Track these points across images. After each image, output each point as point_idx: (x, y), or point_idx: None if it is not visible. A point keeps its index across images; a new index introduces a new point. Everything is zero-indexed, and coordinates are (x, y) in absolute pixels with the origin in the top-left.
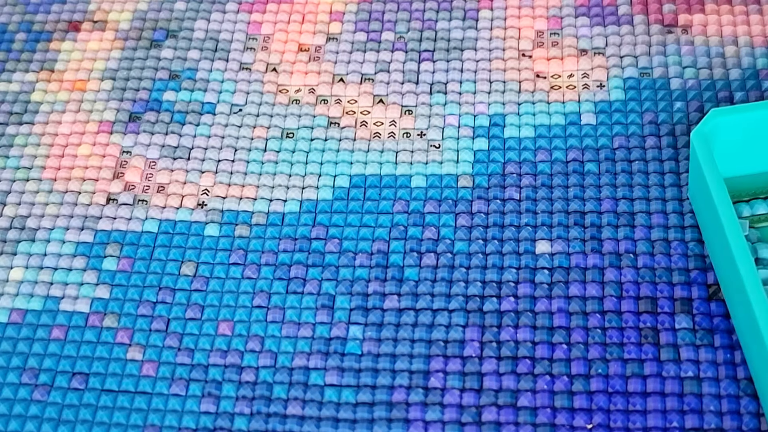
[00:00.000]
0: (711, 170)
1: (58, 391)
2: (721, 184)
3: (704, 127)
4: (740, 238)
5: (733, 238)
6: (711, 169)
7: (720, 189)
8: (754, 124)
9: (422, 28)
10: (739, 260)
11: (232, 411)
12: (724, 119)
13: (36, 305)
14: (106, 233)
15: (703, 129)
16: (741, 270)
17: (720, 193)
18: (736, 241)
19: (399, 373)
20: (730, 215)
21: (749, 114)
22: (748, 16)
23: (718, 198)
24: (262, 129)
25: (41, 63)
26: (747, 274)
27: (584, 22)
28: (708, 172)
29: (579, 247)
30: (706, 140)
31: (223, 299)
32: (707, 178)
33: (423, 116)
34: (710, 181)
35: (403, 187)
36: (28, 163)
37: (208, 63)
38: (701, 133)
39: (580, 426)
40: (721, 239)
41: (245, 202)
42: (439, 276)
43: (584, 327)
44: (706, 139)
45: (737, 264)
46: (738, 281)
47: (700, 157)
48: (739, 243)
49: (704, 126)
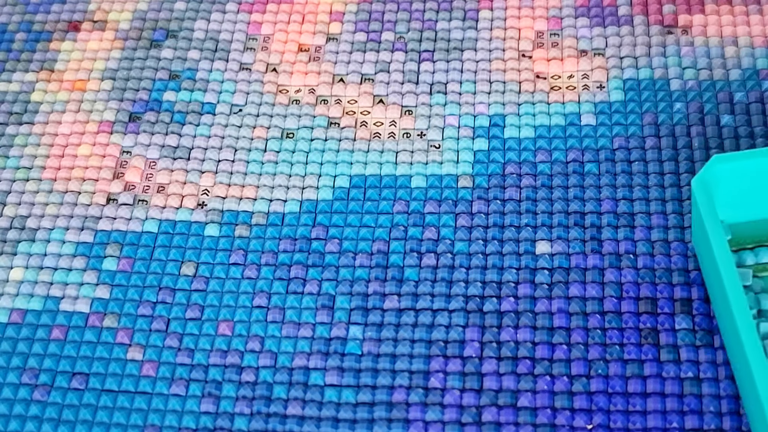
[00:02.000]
0: (711, 218)
1: (58, 391)
2: (721, 234)
3: (705, 175)
4: (739, 289)
5: (732, 289)
6: (711, 218)
7: (720, 238)
8: (758, 171)
9: (422, 28)
10: (737, 312)
11: (232, 411)
12: (726, 166)
13: (36, 305)
14: (106, 233)
15: (704, 176)
16: (738, 322)
17: (719, 242)
18: (734, 293)
19: (399, 373)
20: (729, 265)
21: (751, 161)
22: (748, 17)
23: (718, 247)
24: (262, 129)
25: (41, 63)
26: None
27: (584, 23)
28: (708, 221)
29: (579, 247)
30: (707, 187)
31: (223, 299)
32: (707, 226)
33: (423, 116)
34: (710, 230)
35: (403, 187)
36: (28, 163)
37: (208, 63)
38: (702, 181)
39: (580, 426)
40: (721, 289)
41: (245, 202)
42: (439, 276)
43: (584, 327)
44: (706, 186)
45: (734, 316)
46: (735, 333)
47: (700, 204)
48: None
49: (705, 173)
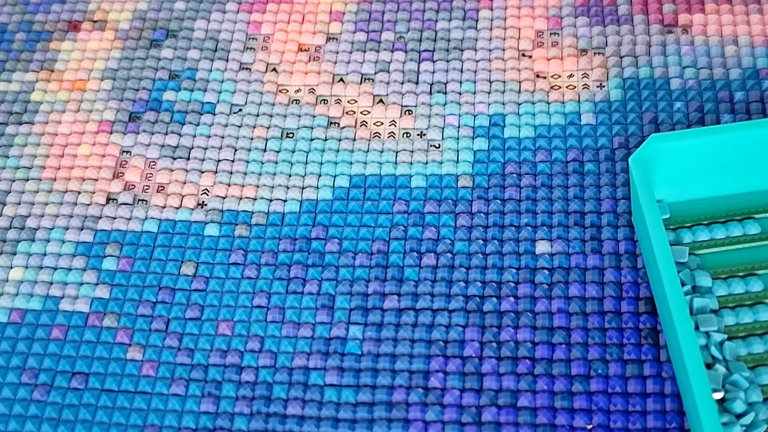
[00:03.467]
0: (647, 197)
1: (58, 391)
2: (656, 212)
3: (643, 153)
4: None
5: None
6: (647, 196)
7: (654, 216)
8: (695, 151)
9: (422, 28)
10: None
11: (232, 411)
12: (664, 145)
13: (36, 305)
14: (105, 233)
15: (642, 155)
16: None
17: (654, 220)
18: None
19: (399, 373)
20: (663, 242)
21: (690, 141)
22: (748, 16)
23: (652, 225)
24: (262, 129)
25: (41, 63)
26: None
27: (584, 22)
28: (644, 199)
29: (579, 247)
30: (645, 166)
31: (223, 299)
32: (642, 204)
33: (423, 116)
34: (645, 208)
35: (403, 187)
36: (28, 163)
37: (208, 63)
38: (640, 159)
39: (580, 426)
40: (654, 265)
41: (245, 202)
42: (439, 276)
43: (584, 327)
44: (644, 165)
45: (665, 290)
46: (666, 307)
47: (637, 182)
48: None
49: (643, 152)
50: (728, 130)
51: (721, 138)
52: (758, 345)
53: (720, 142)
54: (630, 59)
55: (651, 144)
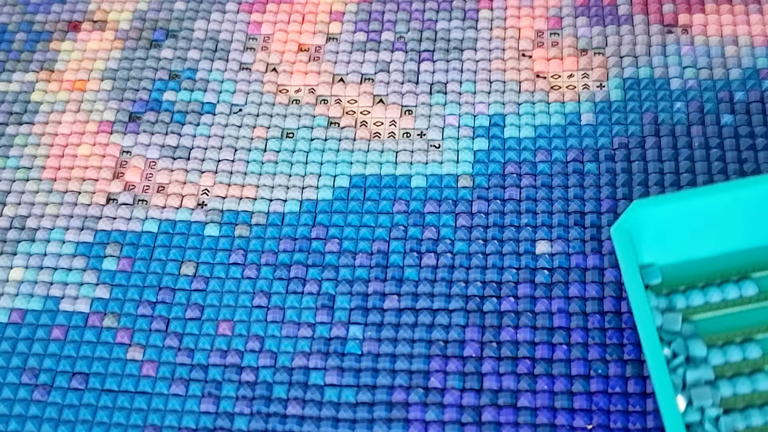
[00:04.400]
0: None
1: (58, 391)
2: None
3: (625, 222)
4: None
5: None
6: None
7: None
8: (682, 213)
9: (422, 28)
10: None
11: (232, 411)
12: (648, 211)
13: (36, 305)
14: (106, 233)
15: (624, 223)
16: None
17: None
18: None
19: (399, 373)
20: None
21: (674, 205)
22: (748, 16)
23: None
24: (262, 129)
25: (41, 63)
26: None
27: (584, 22)
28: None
29: (579, 247)
30: (628, 234)
31: (223, 299)
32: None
33: (423, 116)
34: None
35: (403, 187)
36: (28, 163)
37: (208, 63)
38: (622, 228)
39: (580, 426)
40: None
41: (245, 202)
42: (439, 276)
43: (584, 327)
44: (627, 233)
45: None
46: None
47: (619, 255)
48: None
49: (625, 221)
50: (714, 192)
51: (706, 200)
52: (757, 417)
53: (706, 204)
54: (630, 59)
55: (633, 212)
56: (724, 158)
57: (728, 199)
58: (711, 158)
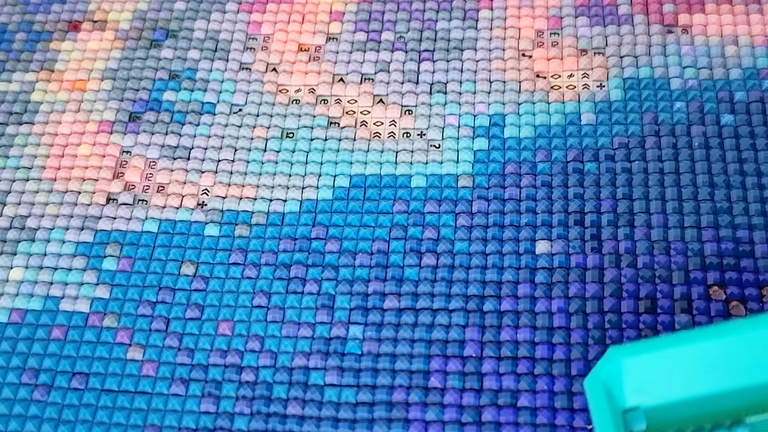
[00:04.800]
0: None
1: (58, 391)
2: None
3: (600, 372)
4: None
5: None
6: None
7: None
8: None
9: (422, 28)
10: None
11: (232, 411)
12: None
13: (36, 305)
14: (106, 233)
15: (599, 373)
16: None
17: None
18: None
19: (399, 373)
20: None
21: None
22: (748, 16)
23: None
24: (262, 129)
25: (41, 63)
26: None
27: (584, 22)
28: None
29: (579, 247)
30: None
31: (223, 299)
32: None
33: (423, 116)
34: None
35: (403, 187)
36: (28, 163)
37: (208, 63)
38: (597, 379)
39: (580, 426)
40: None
41: (245, 202)
42: (439, 276)
43: (584, 327)
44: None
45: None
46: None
47: (591, 408)
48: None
49: (600, 370)
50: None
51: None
52: None
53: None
54: (630, 59)
55: (609, 361)
56: (724, 158)
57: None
58: (711, 158)
